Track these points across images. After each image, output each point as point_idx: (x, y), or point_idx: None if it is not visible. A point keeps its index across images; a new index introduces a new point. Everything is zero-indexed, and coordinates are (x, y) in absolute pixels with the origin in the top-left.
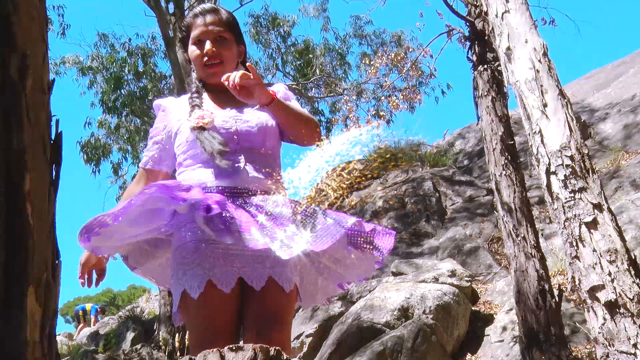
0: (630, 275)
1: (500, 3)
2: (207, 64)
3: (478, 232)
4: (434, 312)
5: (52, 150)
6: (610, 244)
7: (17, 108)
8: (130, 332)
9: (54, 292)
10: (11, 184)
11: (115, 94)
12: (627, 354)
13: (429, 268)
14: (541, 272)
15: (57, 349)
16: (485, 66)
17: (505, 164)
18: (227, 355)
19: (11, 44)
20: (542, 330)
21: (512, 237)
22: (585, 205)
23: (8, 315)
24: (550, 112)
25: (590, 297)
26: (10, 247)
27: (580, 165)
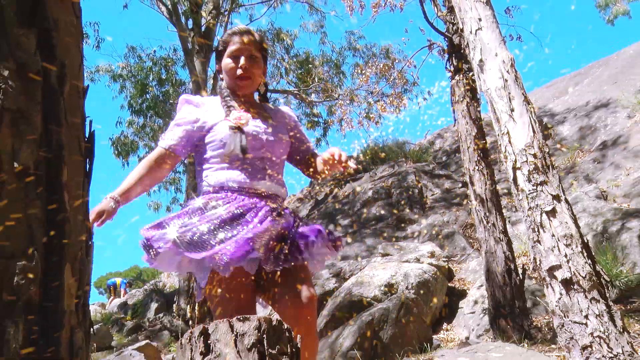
0: (583, 257)
1: (474, 21)
2: (239, 77)
3: (454, 219)
4: (415, 287)
5: (85, 147)
6: (567, 230)
7: (56, 111)
8: (153, 303)
9: (87, 269)
10: (51, 176)
11: (142, 98)
12: (579, 323)
13: (411, 250)
14: (508, 253)
15: (90, 317)
16: (461, 76)
17: (478, 160)
18: (236, 324)
19: (51, 55)
20: (507, 304)
21: (483, 224)
22: (545, 196)
23: (48, 288)
24: (516, 116)
25: (549, 275)
26: (50, 229)
27: (541, 162)
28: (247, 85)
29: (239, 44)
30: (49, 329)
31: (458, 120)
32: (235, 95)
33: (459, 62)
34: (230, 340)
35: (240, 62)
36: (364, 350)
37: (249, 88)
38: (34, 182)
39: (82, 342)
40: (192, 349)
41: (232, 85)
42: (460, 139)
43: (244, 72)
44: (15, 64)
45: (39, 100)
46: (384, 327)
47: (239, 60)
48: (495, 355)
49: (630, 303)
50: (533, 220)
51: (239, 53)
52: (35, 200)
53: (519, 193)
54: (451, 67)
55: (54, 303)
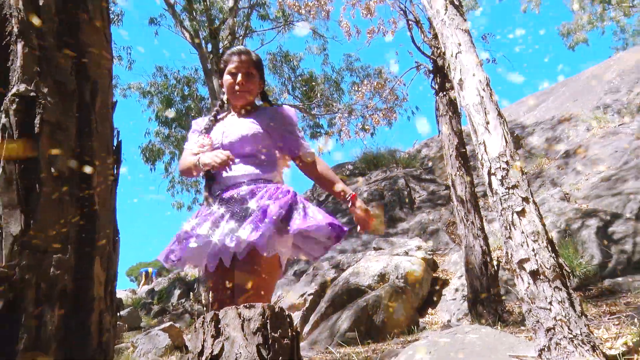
0: (548, 251)
1: (455, 46)
2: (235, 92)
3: (438, 218)
4: (405, 277)
5: (114, 154)
6: (534, 228)
7: (88, 122)
8: (176, 290)
9: (114, 261)
10: (83, 179)
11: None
12: (544, 309)
13: (401, 244)
14: (484, 248)
15: (117, 303)
16: (444, 93)
17: (459, 166)
18: (243, 311)
19: (85, 75)
20: (484, 291)
21: (464, 222)
22: (516, 198)
23: (80, 278)
24: (491, 128)
25: (519, 267)
26: (82, 227)
27: (512, 169)
28: (242, 98)
29: (237, 62)
30: (80, 313)
31: (442, 132)
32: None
33: (442, 81)
34: (238, 325)
35: (237, 79)
36: (359, 332)
37: (244, 100)
38: (68, 186)
39: (110, 324)
40: (205, 332)
41: (230, 98)
42: (443, 148)
43: (240, 87)
44: (54, 82)
45: (73, 114)
46: (377, 312)
47: (236, 77)
48: (472, 336)
49: (588, 290)
50: (505, 219)
51: (237, 71)
52: (69, 202)
53: (493, 195)
54: (436, 85)
55: (85, 291)
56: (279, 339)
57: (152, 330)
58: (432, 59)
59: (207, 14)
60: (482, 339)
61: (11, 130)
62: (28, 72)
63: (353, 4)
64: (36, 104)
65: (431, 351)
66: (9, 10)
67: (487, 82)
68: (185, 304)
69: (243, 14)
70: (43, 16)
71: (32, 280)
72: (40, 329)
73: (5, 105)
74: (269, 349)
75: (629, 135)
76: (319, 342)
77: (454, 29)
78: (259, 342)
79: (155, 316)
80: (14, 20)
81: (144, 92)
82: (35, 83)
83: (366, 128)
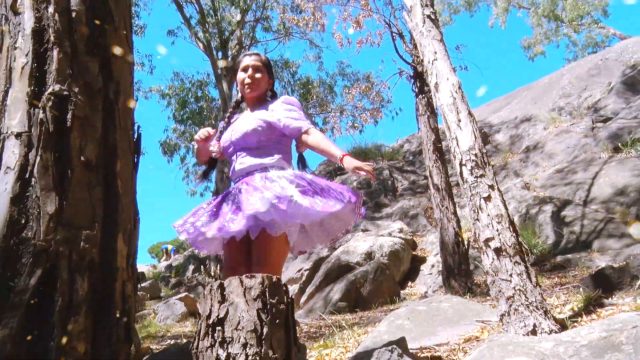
0: (510, 232)
1: (431, 54)
2: (246, 84)
3: (417, 204)
4: (388, 255)
5: (134, 145)
6: (499, 211)
7: (112, 117)
8: (191, 265)
9: (134, 237)
10: (108, 166)
11: (183, 111)
12: (506, 280)
13: (385, 227)
14: (457, 229)
15: (138, 274)
16: (423, 95)
17: (435, 159)
18: (245, 280)
19: (110, 77)
20: (456, 267)
21: (439, 207)
22: (483, 186)
23: (106, 251)
24: (462, 125)
25: (485, 245)
26: (107, 208)
27: (480, 160)
28: (252, 91)
29: (248, 61)
30: (106, 282)
31: (421, 129)
32: (245, 99)
33: (421, 85)
34: (241, 292)
35: (248, 73)
36: (349, 302)
37: (255, 92)
38: (95, 172)
39: (131, 292)
40: (212, 298)
41: (242, 91)
42: (422, 143)
43: (250, 80)
44: (83, 83)
45: (100, 110)
46: (364, 285)
47: (247, 72)
48: (445, 305)
49: (543, 265)
50: (474, 204)
51: (247, 67)
52: (96, 185)
53: (464, 183)
54: (416, 88)
55: (109, 262)
56: (276, 304)
57: (170, 300)
58: (413, 66)
59: (218, 27)
60: (453, 307)
61: (47, 124)
62: (62, 74)
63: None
64: (68, 102)
65: (410, 317)
66: (47, 21)
67: (459, 85)
68: (198, 277)
69: (249, 26)
70: (75, 27)
71: (66, 253)
72: (72, 294)
73: (43, 102)
74: (267, 312)
75: (578, 134)
76: (314, 311)
77: (431, 39)
78: (258, 307)
79: (173, 288)
80: (50, 30)
81: (163, 94)
82: (68, 84)
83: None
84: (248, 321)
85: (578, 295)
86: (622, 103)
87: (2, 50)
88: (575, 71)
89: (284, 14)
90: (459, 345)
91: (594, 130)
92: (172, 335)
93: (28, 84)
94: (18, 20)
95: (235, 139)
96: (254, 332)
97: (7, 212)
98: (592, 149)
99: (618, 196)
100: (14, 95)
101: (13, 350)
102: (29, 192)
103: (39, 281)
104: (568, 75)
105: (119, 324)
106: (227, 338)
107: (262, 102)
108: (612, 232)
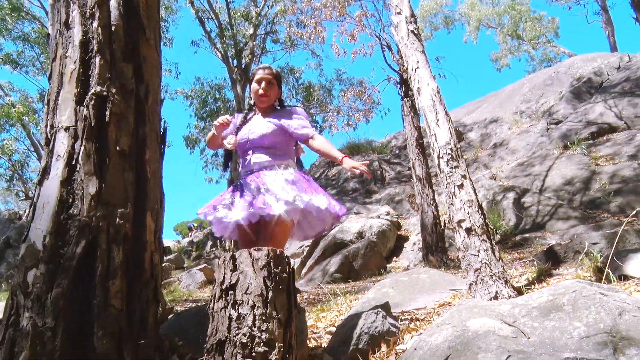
0: (478, 214)
1: (414, 63)
2: (260, 95)
3: (402, 191)
4: (377, 234)
5: (161, 138)
6: (469, 197)
7: (142, 114)
8: (209, 241)
9: (160, 215)
10: (138, 155)
11: (203, 110)
12: (474, 255)
13: (374, 210)
14: (435, 213)
15: (163, 246)
16: (408, 98)
17: (417, 153)
18: (253, 253)
19: (141, 78)
20: (434, 244)
21: (421, 194)
22: (457, 175)
23: (137, 226)
24: (440, 124)
25: (458, 225)
26: (138, 190)
27: (455, 154)
28: (265, 102)
29: (262, 74)
30: (137, 252)
31: (406, 127)
32: (258, 106)
33: (406, 89)
34: (249, 262)
35: (261, 86)
36: (343, 273)
37: (267, 104)
38: (128, 160)
39: (158, 261)
40: (225, 267)
41: (255, 100)
42: (407, 139)
43: (263, 91)
44: (119, 85)
45: (132, 108)
46: (356, 259)
47: (260, 85)
48: (424, 276)
49: (506, 243)
50: (449, 191)
51: (261, 80)
52: (129, 170)
53: (441, 173)
54: (401, 92)
55: (140, 236)
56: (279, 273)
57: (192, 270)
58: (399, 73)
59: (234, 39)
60: (430, 278)
61: (90, 119)
62: (102, 78)
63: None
64: (107, 101)
65: (394, 286)
66: (92, 34)
67: (438, 90)
68: (215, 251)
69: (260, 38)
70: (114, 38)
71: (104, 227)
72: (110, 262)
73: (86, 101)
74: (272, 280)
75: (536, 133)
76: (313, 280)
77: (414, 51)
78: (264, 275)
79: (194, 260)
80: (94, 41)
81: (186, 95)
82: (107, 86)
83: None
84: (255, 287)
85: (533, 267)
86: (570, 109)
87: (56, 59)
88: (533, 81)
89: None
90: (434, 309)
91: (549, 131)
92: (193, 299)
93: (75, 86)
94: (69, 34)
95: (253, 138)
96: (260, 296)
97: (58, 193)
98: (546, 146)
99: (566, 186)
100: (64, 96)
101: (65, 305)
102: (75, 176)
103: (83, 250)
104: (528, 84)
105: (148, 287)
106: (238, 301)
107: (272, 109)
108: (561, 215)
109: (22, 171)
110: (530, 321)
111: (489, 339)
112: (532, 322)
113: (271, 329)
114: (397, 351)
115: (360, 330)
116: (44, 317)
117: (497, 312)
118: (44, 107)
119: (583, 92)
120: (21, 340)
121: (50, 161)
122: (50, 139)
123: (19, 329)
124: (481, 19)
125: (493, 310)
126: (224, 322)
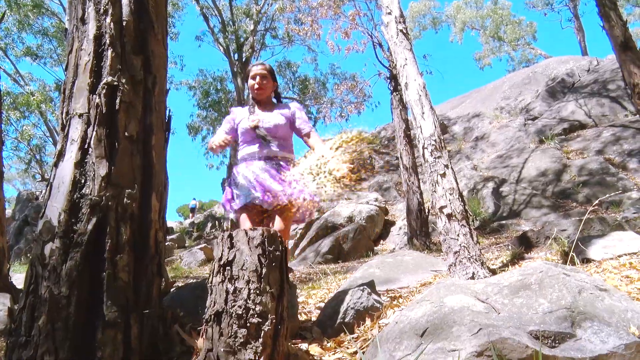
0: (459, 202)
1: (403, 60)
2: (255, 89)
3: (390, 179)
4: (366, 219)
5: (166, 125)
6: (451, 185)
7: (149, 103)
8: (209, 223)
9: (164, 197)
10: (145, 141)
11: (205, 100)
12: (454, 239)
13: (364, 196)
14: (420, 200)
15: (166, 225)
16: (397, 92)
17: (405, 143)
18: (249, 232)
19: (149, 70)
20: (418, 229)
21: (407, 182)
22: (440, 165)
23: (143, 206)
24: (425, 117)
25: (440, 211)
26: (144, 172)
27: (439, 145)
28: (261, 94)
29: (256, 70)
30: (143, 229)
31: (394, 119)
32: (255, 100)
33: (395, 84)
34: (245, 241)
35: (256, 81)
36: (334, 254)
37: (262, 96)
38: (136, 145)
39: (162, 238)
40: (223, 245)
41: (253, 95)
42: (395, 131)
43: (258, 86)
44: (129, 76)
45: (140, 96)
46: (346, 241)
47: (255, 80)
48: (408, 258)
49: (484, 229)
50: (432, 179)
51: (255, 75)
52: (137, 154)
53: (425, 162)
54: (391, 87)
55: (145, 215)
56: (273, 251)
57: (193, 249)
58: (389, 69)
59: (235, 34)
60: (414, 259)
61: (101, 107)
62: (113, 69)
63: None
64: (117, 90)
65: (380, 267)
66: (105, 29)
67: (424, 85)
68: (215, 232)
69: (260, 34)
70: (125, 33)
71: (113, 206)
72: (118, 238)
73: (99, 90)
74: (266, 257)
75: (514, 128)
76: (306, 260)
77: (403, 48)
78: (259, 253)
79: (195, 240)
80: (107, 35)
81: (190, 86)
82: (117, 76)
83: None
84: (251, 263)
85: (507, 251)
86: (545, 106)
87: (72, 51)
88: (513, 80)
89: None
90: (417, 288)
91: (526, 126)
92: (194, 276)
93: (89, 76)
94: (85, 28)
95: (266, 127)
96: (255, 271)
97: (72, 174)
98: (524, 140)
99: (540, 177)
100: (78, 85)
101: (77, 277)
102: (87, 159)
103: (94, 227)
104: (508, 82)
105: (153, 262)
106: (234, 275)
107: (270, 101)
108: (535, 204)
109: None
110: (501, 298)
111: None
112: (502, 299)
113: (264, 302)
114: (380, 325)
115: (347, 305)
116: (59, 286)
117: (472, 290)
118: (60, 95)
119: (557, 91)
120: (40, 307)
121: (65, 145)
122: (65, 124)
123: (38, 296)
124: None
125: (468, 289)
126: (222, 295)
